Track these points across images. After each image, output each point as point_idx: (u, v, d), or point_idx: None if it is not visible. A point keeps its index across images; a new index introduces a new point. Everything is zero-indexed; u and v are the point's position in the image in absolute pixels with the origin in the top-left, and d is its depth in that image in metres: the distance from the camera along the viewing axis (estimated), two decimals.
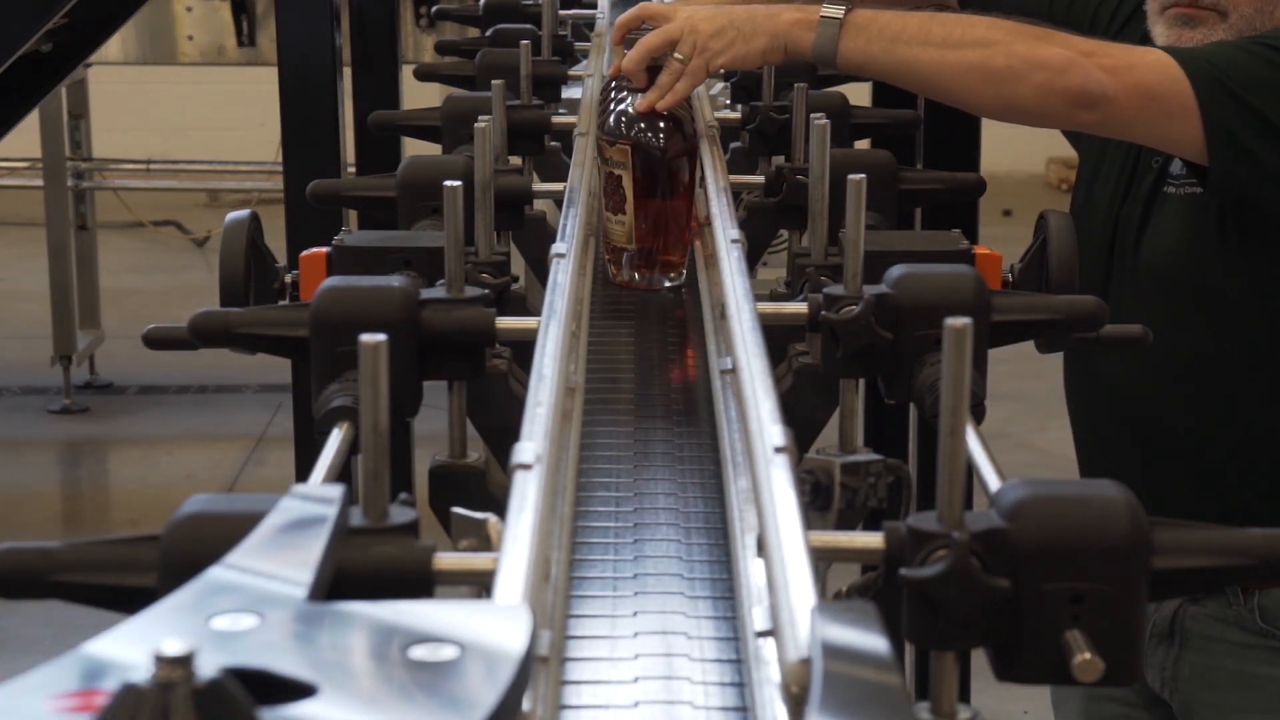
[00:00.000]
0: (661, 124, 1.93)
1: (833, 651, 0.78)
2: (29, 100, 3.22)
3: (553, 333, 1.29)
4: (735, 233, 1.52)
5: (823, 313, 1.43)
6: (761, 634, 1.04)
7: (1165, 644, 2.23)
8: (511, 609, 0.80)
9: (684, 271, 1.96)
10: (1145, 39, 2.16)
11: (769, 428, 1.09)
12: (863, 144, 2.51)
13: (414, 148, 2.28)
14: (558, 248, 1.49)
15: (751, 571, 1.14)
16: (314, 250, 1.69)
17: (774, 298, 1.74)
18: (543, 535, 0.97)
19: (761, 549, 1.02)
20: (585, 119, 2.09)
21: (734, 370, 1.29)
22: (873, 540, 1.01)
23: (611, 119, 1.95)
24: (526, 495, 0.99)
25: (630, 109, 1.95)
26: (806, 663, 0.82)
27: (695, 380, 1.71)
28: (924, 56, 1.96)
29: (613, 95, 2.05)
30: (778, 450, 1.06)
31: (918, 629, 0.96)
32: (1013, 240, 2.22)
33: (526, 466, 1.03)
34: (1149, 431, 2.23)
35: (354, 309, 1.38)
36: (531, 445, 1.05)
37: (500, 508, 1.04)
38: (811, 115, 1.68)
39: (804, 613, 0.86)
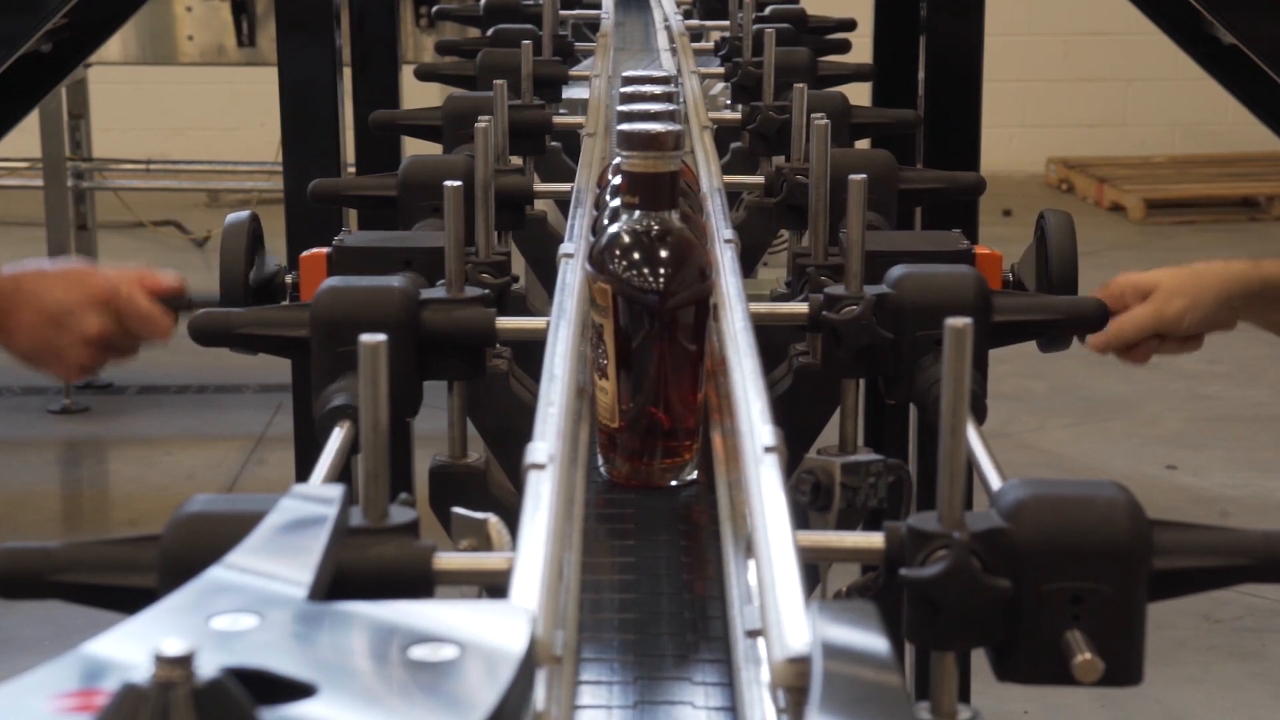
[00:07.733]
0: (664, 253, 1.35)
1: (832, 651, 0.78)
2: (29, 100, 3.21)
3: (563, 333, 1.28)
4: (729, 233, 1.52)
5: (824, 313, 1.43)
6: (751, 633, 1.04)
7: None
8: (512, 609, 0.80)
9: (693, 460, 1.40)
10: None
11: (759, 427, 1.09)
12: (863, 144, 2.52)
13: (414, 148, 2.29)
14: (566, 248, 1.48)
15: (741, 570, 1.14)
16: (314, 250, 1.69)
17: (775, 298, 1.74)
18: (558, 535, 0.96)
19: (750, 549, 1.02)
20: (593, 119, 2.08)
21: (726, 369, 1.28)
22: (873, 540, 1.01)
23: (604, 241, 1.38)
24: (540, 495, 0.99)
25: (624, 232, 1.36)
26: (795, 662, 0.82)
27: None
28: None
29: (607, 201, 1.52)
30: (767, 450, 1.05)
31: (918, 629, 0.96)
32: (1013, 240, 2.22)
33: (540, 466, 1.02)
34: None
35: (354, 309, 1.38)
36: (544, 445, 1.05)
37: (500, 508, 1.04)
38: (811, 115, 1.68)
39: (793, 613, 0.86)
